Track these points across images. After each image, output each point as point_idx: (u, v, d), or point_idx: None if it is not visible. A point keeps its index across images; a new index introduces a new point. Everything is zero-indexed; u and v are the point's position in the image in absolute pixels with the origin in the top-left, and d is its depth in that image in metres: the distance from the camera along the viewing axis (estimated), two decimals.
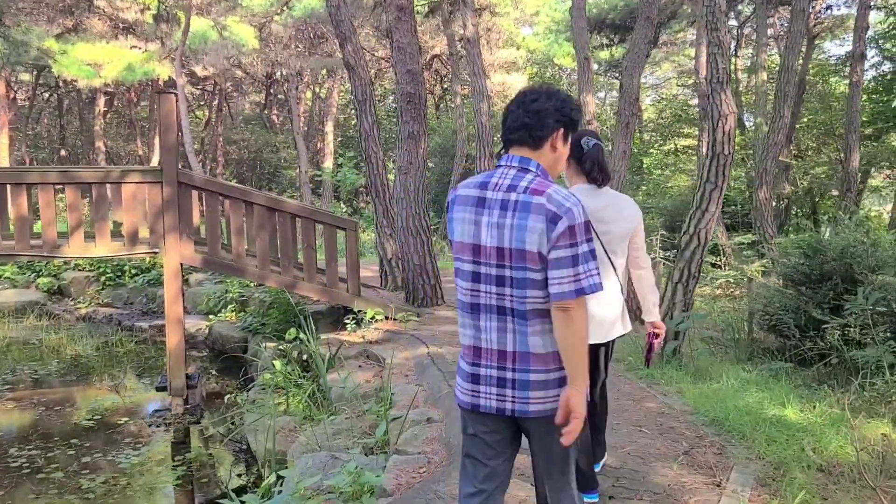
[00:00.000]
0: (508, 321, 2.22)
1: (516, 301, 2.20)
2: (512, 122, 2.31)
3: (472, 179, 2.35)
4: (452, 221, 2.32)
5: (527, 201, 2.17)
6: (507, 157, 2.30)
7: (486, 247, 2.21)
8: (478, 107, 12.94)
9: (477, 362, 2.28)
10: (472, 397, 2.29)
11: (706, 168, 5.94)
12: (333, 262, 8.06)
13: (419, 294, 8.77)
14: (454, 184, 20.78)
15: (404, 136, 8.67)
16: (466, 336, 2.32)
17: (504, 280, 2.20)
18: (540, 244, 2.14)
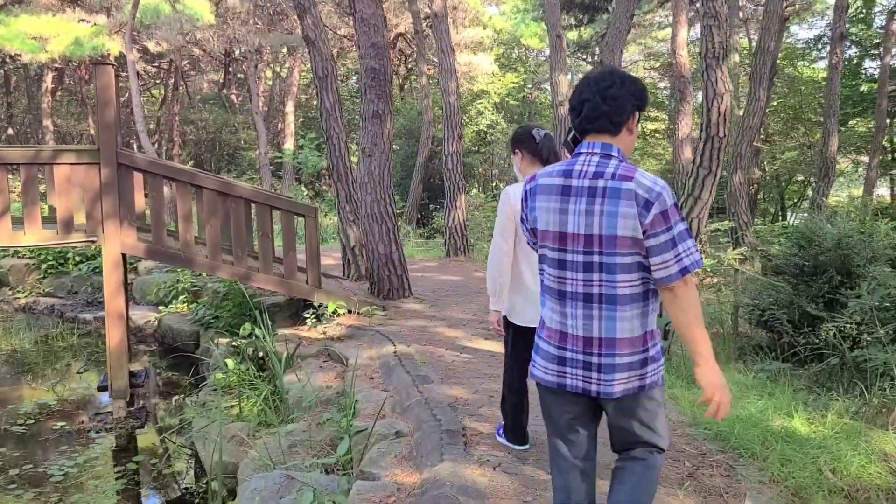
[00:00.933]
0: (595, 308, 2.25)
1: (605, 286, 2.23)
2: (590, 111, 2.29)
3: (552, 168, 2.35)
4: (535, 210, 2.34)
5: (616, 187, 2.19)
6: (588, 145, 2.31)
7: (573, 234, 2.25)
8: (445, 86, 12.31)
9: (563, 346, 2.33)
10: (558, 377, 2.35)
11: (699, 152, 5.46)
12: (292, 251, 7.43)
13: (385, 285, 8.19)
14: (420, 167, 20.14)
15: (368, 115, 8.04)
16: (553, 320, 2.36)
17: (592, 266, 2.23)
18: (633, 229, 2.16)
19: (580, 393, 2.33)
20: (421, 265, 11.80)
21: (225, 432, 5.72)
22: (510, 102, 26.94)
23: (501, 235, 3.64)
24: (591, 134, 2.33)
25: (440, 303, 8.36)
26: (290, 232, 7.43)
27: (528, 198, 2.38)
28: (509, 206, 3.59)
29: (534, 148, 3.60)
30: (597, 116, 2.29)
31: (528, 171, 3.56)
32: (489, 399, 4.94)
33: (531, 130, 3.66)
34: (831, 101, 13.76)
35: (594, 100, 2.29)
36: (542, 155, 3.60)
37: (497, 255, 3.65)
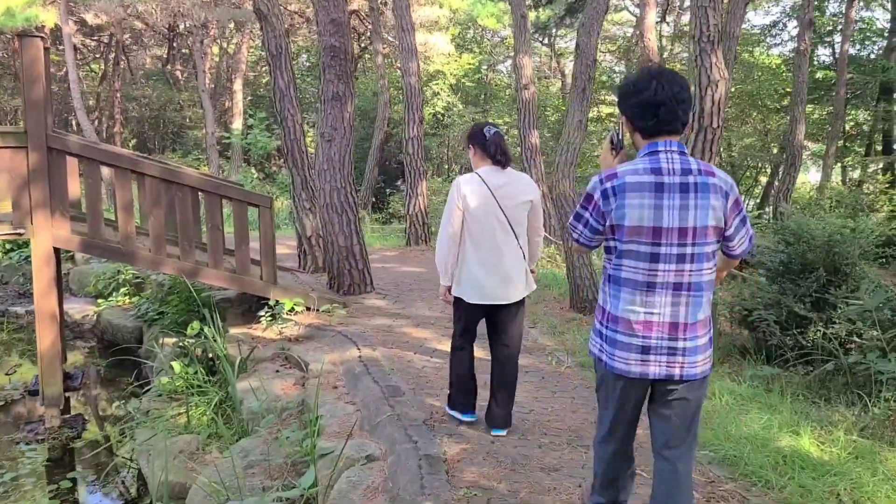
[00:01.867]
0: (683, 295, 2.44)
1: (694, 274, 2.43)
2: (666, 114, 2.46)
3: (634, 166, 2.47)
4: (624, 207, 2.43)
5: (705, 182, 2.42)
6: (665, 143, 2.49)
7: (668, 228, 2.40)
8: (405, 66, 11.74)
9: (648, 335, 2.46)
10: (642, 366, 2.49)
11: (690, 144, 5.08)
12: (244, 244, 6.84)
13: (345, 280, 7.67)
14: (375, 150, 19.53)
15: (328, 97, 7.47)
16: (636, 313, 2.47)
17: (684, 258, 2.42)
18: (719, 219, 2.43)
19: (661, 379, 2.50)
20: (380, 255, 11.27)
21: (171, 446, 5.18)
22: (466, 84, 26.41)
23: (450, 222, 3.93)
24: (663, 135, 2.50)
25: (404, 298, 7.88)
26: (242, 223, 6.84)
27: (614, 196, 2.45)
28: (459, 195, 3.88)
29: (483, 144, 3.92)
30: (672, 120, 2.48)
31: (479, 165, 3.96)
32: None
33: (483, 128, 3.97)
34: (799, 87, 13.63)
35: (671, 105, 2.46)
36: (489, 151, 3.90)
37: (445, 241, 3.97)
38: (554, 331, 6.57)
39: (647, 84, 2.47)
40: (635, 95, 2.51)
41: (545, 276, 9.10)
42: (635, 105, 2.51)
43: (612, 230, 2.49)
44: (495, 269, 3.91)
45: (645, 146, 2.52)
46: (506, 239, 3.89)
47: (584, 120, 7.20)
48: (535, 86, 12.29)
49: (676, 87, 2.47)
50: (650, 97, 2.45)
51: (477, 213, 3.86)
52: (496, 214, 3.85)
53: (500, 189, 3.85)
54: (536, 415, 4.50)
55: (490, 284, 3.92)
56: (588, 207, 2.52)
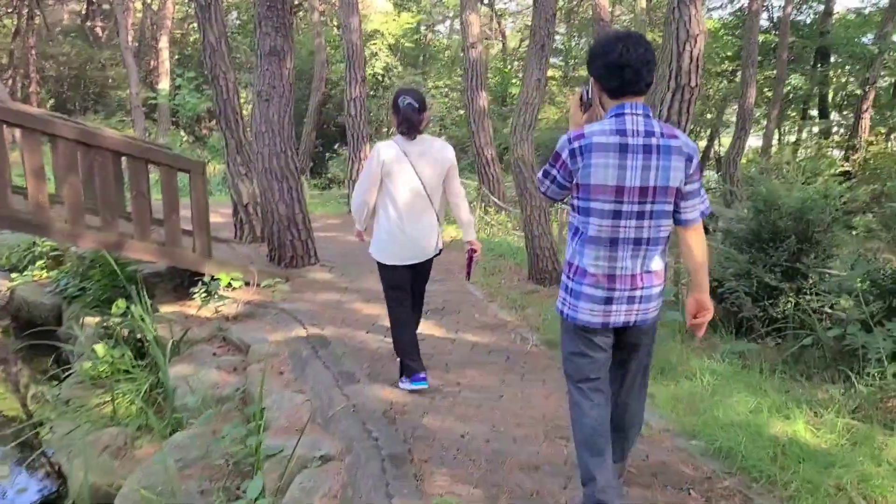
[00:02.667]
0: (642, 249, 2.59)
1: (652, 230, 2.57)
2: (631, 75, 2.53)
3: (601, 127, 2.54)
4: (590, 167, 2.52)
5: (668, 145, 2.52)
6: (630, 106, 2.55)
7: (630, 187, 2.51)
8: (346, 22, 11.03)
9: (612, 287, 2.61)
10: (603, 317, 2.64)
11: (665, 105, 4.70)
12: (174, 213, 6.20)
13: (287, 252, 7.10)
14: (312, 112, 18.71)
15: (264, 51, 6.81)
16: (600, 267, 2.61)
17: (644, 214, 2.54)
18: (680, 180, 2.55)
19: (619, 327, 2.67)
20: (322, 223, 10.67)
21: (95, 441, 4.62)
22: (405, 45, 25.60)
23: (364, 185, 4.09)
24: (628, 95, 2.56)
25: (352, 271, 7.36)
26: (171, 191, 6.19)
27: (581, 155, 2.53)
28: (377, 161, 4.00)
29: (396, 113, 4.04)
30: (637, 80, 2.53)
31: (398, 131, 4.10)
32: (430, 401, 4.08)
33: (398, 97, 4.06)
34: (750, 49, 13.45)
35: (636, 65, 2.51)
36: (397, 120, 4.04)
37: (360, 201, 4.14)
38: (514, 305, 6.19)
39: (613, 46, 2.55)
40: (602, 57, 2.58)
41: (499, 246, 8.71)
42: (602, 66, 2.58)
43: (577, 188, 2.59)
44: (411, 231, 4.09)
45: (612, 108, 2.60)
46: (421, 203, 4.08)
47: (544, 79, 6.76)
48: (482, 45, 11.77)
49: (641, 48, 2.54)
50: (616, 59, 2.53)
51: (394, 178, 4.01)
52: (412, 179, 4.03)
53: (416, 155, 4.03)
54: (507, 401, 4.11)
55: (407, 245, 4.12)
56: (556, 165, 2.63)
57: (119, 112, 26.70)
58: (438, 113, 22.96)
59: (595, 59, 2.62)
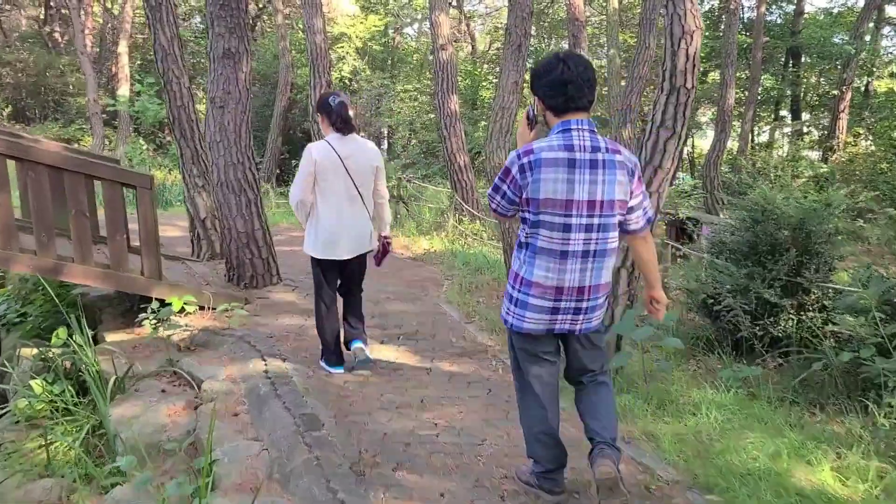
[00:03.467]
0: (589, 261, 2.69)
1: (600, 243, 2.68)
2: (576, 91, 2.66)
3: (549, 143, 2.65)
4: (539, 182, 2.61)
5: (612, 160, 2.65)
6: (576, 122, 2.68)
7: (578, 201, 2.61)
8: (309, 22, 10.49)
9: (559, 298, 2.72)
10: (548, 324, 2.78)
11: (659, 108, 4.26)
12: (119, 233, 5.63)
13: (246, 271, 6.55)
14: (278, 118, 18.10)
15: (218, 54, 6.26)
16: (548, 278, 2.70)
17: (592, 227, 2.65)
18: (625, 193, 2.68)
19: (564, 333, 2.83)
20: (287, 235, 10.11)
21: (27, 495, 4.06)
22: (373, 48, 25.08)
23: (301, 186, 4.28)
24: (572, 112, 2.68)
25: None
26: (116, 208, 5.61)
27: (530, 170, 2.62)
28: (311, 161, 4.21)
29: (329, 113, 4.25)
30: (581, 97, 2.66)
31: (327, 132, 4.32)
32: (404, 450, 3.58)
33: (329, 98, 4.27)
34: (729, 49, 13.15)
35: (577, 82, 2.64)
36: (331, 119, 4.25)
37: (297, 201, 4.35)
38: (494, 327, 5.71)
39: (555, 65, 2.67)
40: (545, 76, 2.69)
41: (475, 259, 8.23)
42: (546, 85, 2.69)
43: (527, 202, 2.66)
44: (346, 228, 4.33)
45: (558, 124, 2.69)
46: (354, 201, 4.31)
47: (521, 81, 6.31)
48: (452, 46, 11.31)
49: (581, 67, 2.66)
50: (558, 77, 2.65)
51: (328, 178, 4.23)
52: (344, 179, 4.25)
53: (348, 156, 4.24)
54: (490, 447, 3.63)
55: (342, 242, 4.35)
56: (506, 180, 2.70)
57: (79, 119, 25.83)
58: (408, 117, 22.52)
59: (538, 79, 2.73)
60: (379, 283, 7.14)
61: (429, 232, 10.50)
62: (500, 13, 33.49)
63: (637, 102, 12.30)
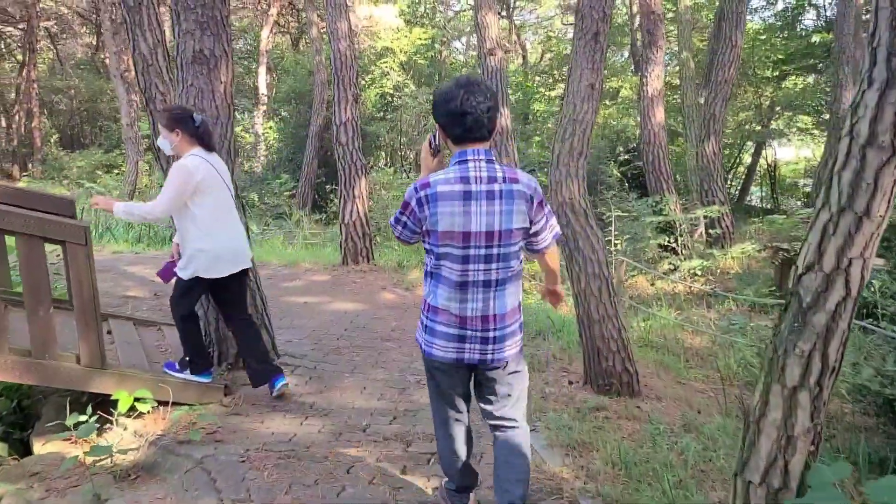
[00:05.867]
0: (491, 290, 2.68)
1: (501, 272, 2.68)
2: (473, 123, 2.62)
3: (446, 175, 2.64)
4: (436, 215, 2.61)
5: (510, 189, 2.63)
6: (473, 152, 2.66)
7: (476, 233, 2.61)
8: (333, 26, 8.88)
9: (463, 326, 2.70)
10: (457, 353, 2.73)
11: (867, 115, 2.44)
12: (43, 306, 4.05)
13: (229, 346, 4.91)
14: (313, 138, 16.66)
15: (186, 58, 4.68)
16: (452, 307, 2.69)
17: (491, 258, 2.65)
18: (524, 221, 2.66)
19: (473, 364, 2.76)
20: (306, 280, 8.47)
21: None
22: (418, 62, 23.58)
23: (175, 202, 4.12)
24: (471, 142, 2.66)
25: (326, 370, 5.12)
26: (35, 272, 4.03)
27: (427, 204, 2.63)
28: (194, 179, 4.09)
29: (195, 130, 4.19)
30: (479, 127, 2.63)
31: (186, 149, 4.21)
32: None
33: (192, 115, 4.20)
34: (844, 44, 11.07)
35: (475, 113, 2.61)
36: (201, 137, 4.22)
37: (161, 216, 4.22)
38: (567, 441, 3.89)
39: (454, 94, 2.62)
40: (444, 105, 2.64)
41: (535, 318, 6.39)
42: (445, 114, 2.65)
43: (427, 234, 2.68)
44: (239, 238, 4.40)
45: (456, 154, 2.70)
46: (234, 213, 4.38)
47: (599, 83, 4.52)
48: (502, 51, 9.59)
49: (482, 96, 2.63)
50: (457, 107, 2.61)
51: (213, 191, 4.17)
52: (227, 190, 4.29)
53: (220, 169, 4.26)
54: None
55: (230, 255, 4.31)
56: (405, 213, 2.71)
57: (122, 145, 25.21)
58: None
59: (438, 107, 2.68)
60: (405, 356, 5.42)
61: None
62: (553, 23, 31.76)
63: (722, 112, 10.36)
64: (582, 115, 4.53)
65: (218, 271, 4.25)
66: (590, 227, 4.52)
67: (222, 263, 4.25)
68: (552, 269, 2.95)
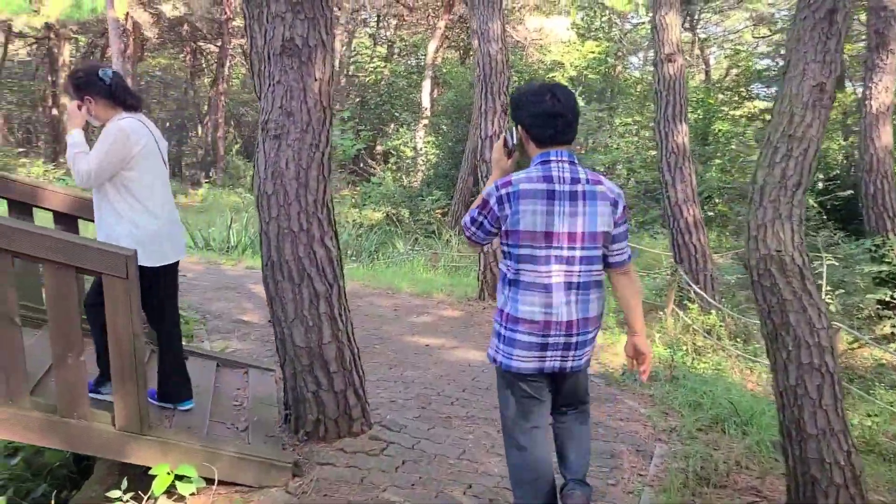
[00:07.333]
0: (573, 294, 2.62)
1: (583, 275, 2.63)
2: (563, 125, 2.65)
3: (528, 174, 2.63)
4: (518, 213, 2.59)
5: (593, 191, 2.62)
6: (556, 153, 2.66)
7: (558, 233, 2.59)
8: (483, 27, 7.81)
9: (546, 334, 2.62)
10: (538, 363, 2.67)
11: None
12: (72, 353, 3.23)
13: (308, 411, 3.89)
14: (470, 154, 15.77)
15: (274, 49, 3.76)
16: (535, 313, 2.62)
17: (574, 259, 2.60)
18: (608, 224, 2.64)
19: (554, 372, 2.70)
20: (435, 315, 7.40)
21: None
22: (589, 76, 22.16)
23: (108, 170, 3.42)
24: (557, 144, 2.67)
25: (426, 453, 3.93)
26: (66, 308, 3.22)
27: (508, 202, 2.60)
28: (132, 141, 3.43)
29: (106, 90, 3.47)
30: (569, 130, 2.67)
31: (108, 115, 3.50)
32: None
33: (97, 72, 3.47)
34: None
35: (568, 116, 2.65)
36: (117, 96, 3.49)
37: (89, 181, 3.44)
38: None
39: (542, 96, 2.64)
40: (532, 106, 2.66)
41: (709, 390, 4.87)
42: (534, 115, 2.66)
43: (506, 235, 2.65)
44: (174, 223, 3.74)
45: (538, 155, 2.67)
46: (169, 190, 3.74)
47: (831, 85, 3.07)
48: (682, 57, 8.09)
49: (572, 100, 2.66)
50: (548, 109, 2.62)
51: (151, 161, 3.55)
52: (161, 163, 3.65)
53: (157, 135, 3.65)
54: None
55: (174, 238, 3.70)
56: (483, 211, 2.69)
57: None
58: (626, 154, 19.43)
59: (524, 107, 2.69)
60: None
61: None
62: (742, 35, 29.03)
63: None
64: (803, 129, 3.07)
65: (152, 259, 3.53)
66: (807, 295, 3.05)
67: (154, 252, 3.54)
68: (628, 299, 2.77)
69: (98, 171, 3.41)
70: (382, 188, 17.92)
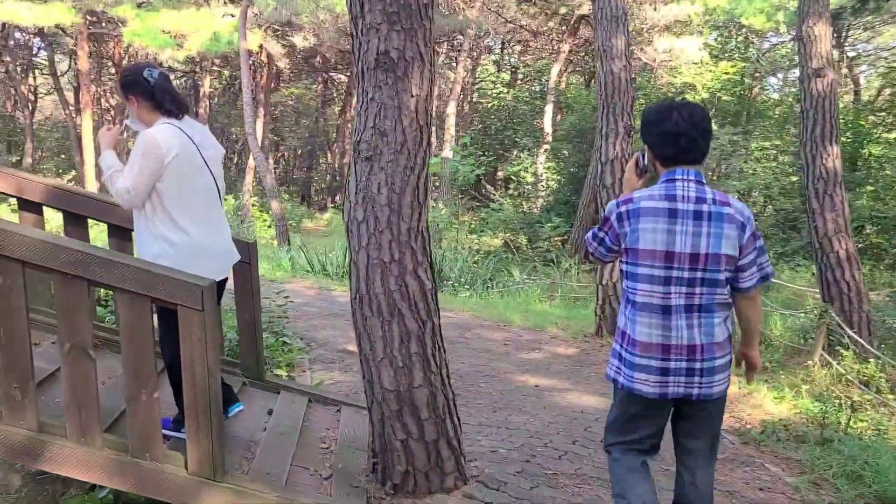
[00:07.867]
0: (695, 317, 2.53)
1: (705, 297, 2.52)
2: (688, 144, 2.57)
3: (650, 192, 2.59)
4: (637, 231, 2.55)
5: (719, 212, 2.52)
6: (683, 172, 2.58)
7: (679, 253, 2.51)
8: (606, 43, 7.27)
9: (667, 357, 2.54)
10: (661, 387, 2.56)
11: None
12: (147, 389, 3.02)
13: (397, 462, 3.51)
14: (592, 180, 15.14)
15: (368, 64, 3.45)
16: (654, 335, 2.55)
17: (695, 281, 2.51)
18: (734, 248, 2.52)
19: (678, 398, 2.58)
20: (547, 352, 6.87)
21: None
22: (723, 98, 20.98)
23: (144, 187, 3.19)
24: (682, 163, 2.59)
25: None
26: (141, 340, 3.02)
27: (628, 219, 2.57)
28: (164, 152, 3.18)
29: (149, 92, 3.30)
30: (693, 149, 2.58)
31: (149, 119, 3.32)
32: None
33: (142, 72, 3.30)
34: None
35: (692, 134, 2.57)
36: (157, 99, 3.30)
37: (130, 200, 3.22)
38: None
39: (668, 114, 2.60)
40: (657, 125, 2.63)
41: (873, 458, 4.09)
42: (656, 134, 2.63)
43: (626, 253, 2.61)
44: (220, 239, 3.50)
45: (664, 173, 2.62)
46: (216, 200, 3.48)
47: None
48: (833, 72, 7.24)
49: (699, 117, 2.58)
50: (671, 127, 2.58)
51: (190, 174, 3.29)
52: (206, 174, 3.40)
53: (200, 142, 3.37)
54: None
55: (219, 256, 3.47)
56: (604, 228, 2.68)
57: None
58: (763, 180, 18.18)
59: (649, 126, 2.66)
60: None
61: (778, 367, 6.44)
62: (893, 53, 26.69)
63: None
64: None
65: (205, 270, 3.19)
66: None
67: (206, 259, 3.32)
68: (753, 321, 2.73)
69: (135, 187, 3.19)
70: (501, 214, 17.59)
